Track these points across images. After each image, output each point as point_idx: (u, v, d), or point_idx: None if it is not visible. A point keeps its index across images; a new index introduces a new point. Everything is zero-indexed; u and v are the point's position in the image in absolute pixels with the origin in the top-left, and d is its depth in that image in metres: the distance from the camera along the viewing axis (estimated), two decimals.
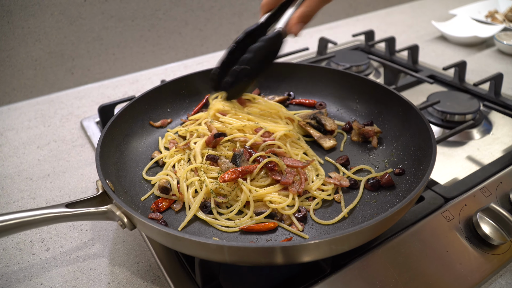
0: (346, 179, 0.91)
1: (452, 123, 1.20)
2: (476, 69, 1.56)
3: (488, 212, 0.83)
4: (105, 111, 1.19)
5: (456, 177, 1.01)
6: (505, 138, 1.14)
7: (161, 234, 0.67)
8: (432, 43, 1.82)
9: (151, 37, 1.69)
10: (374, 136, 1.03)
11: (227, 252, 0.64)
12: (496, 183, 0.94)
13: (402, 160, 0.95)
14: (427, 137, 0.87)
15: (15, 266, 0.84)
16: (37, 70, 1.50)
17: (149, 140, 1.06)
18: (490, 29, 1.81)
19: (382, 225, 0.69)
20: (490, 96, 1.30)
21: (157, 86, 1.12)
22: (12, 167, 1.13)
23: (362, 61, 1.53)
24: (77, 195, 1.02)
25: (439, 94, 1.28)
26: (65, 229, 0.92)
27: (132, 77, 1.61)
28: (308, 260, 0.68)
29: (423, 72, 1.47)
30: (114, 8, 1.55)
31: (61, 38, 1.50)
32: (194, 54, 1.83)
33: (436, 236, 0.83)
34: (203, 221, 0.84)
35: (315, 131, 1.07)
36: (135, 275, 0.81)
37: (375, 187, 0.90)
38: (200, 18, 1.77)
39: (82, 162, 1.14)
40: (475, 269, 0.79)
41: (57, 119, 1.35)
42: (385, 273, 0.76)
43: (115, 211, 0.74)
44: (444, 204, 0.90)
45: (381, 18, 2.15)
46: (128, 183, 0.91)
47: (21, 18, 1.40)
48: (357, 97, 1.15)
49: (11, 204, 1.00)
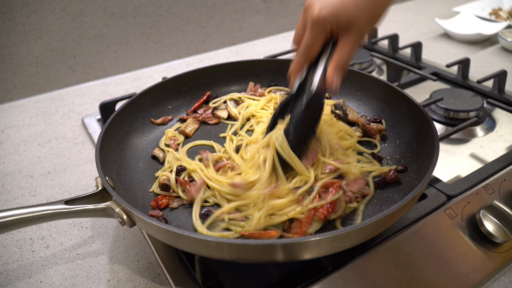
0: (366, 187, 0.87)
1: (456, 120, 1.19)
2: (480, 66, 1.55)
3: (491, 209, 0.82)
4: (106, 108, 1.18)
5: (459, 175, 1.00)
6: (509, 135, 1.13)
7: (161, 231, 0.66)
8: (436, 40, 1.81)
9: (153, 34, 1.68)
10: (377, 134, 1.02)
11: (227, 249, 0.63)
12: (500, 181, 0.93)
13: (405, 157, 0.95)
14: (430, 134, 0.86)
15: (14, 263, 0.83)
16: (38, 67, 1.50)
17: (150, 137, 1.06)
18: (494, 27, 1.80)
19: (384, 222, 0.68)
20: (494, 93, 1.29)
21: (158, 83, 1.11)
22: (13, 165, 1.12)
23: (365, 58, 1.52)
24: (78, 193, 1.02)
25: (443, 91, 1.27)
26: (65, 226, 0.92)
27: (134, 75, 1.61)
28: (309, 258, 0.67)
29: (426, 69, 1.46)
30: (115, 5, 1.55)
31: (62, 35, 1.50)
32: (196, 52, 1.82)
33: (439, 234, 0.82)
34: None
35: (343, 123, 1.03)
36: (135, 272, 0.80)
37: (381, 185, 0.89)
38: (202, 15, 1.76)
39: (83, 159, 1.14)
40: (478, 267, 0.78)
41: (58, 116, 1.35)
42: (387, 271, 0.75)
43: (115, 208, 0.74)
44: (446, 201, 0.89)
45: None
46: (128, 180, 0.90)
47: (22, 15, 1.40)
48: (359, 94, 1.14)
49: (11, 201, 1.00)
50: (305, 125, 0.84)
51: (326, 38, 0.77)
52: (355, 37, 0.75)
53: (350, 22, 0.73)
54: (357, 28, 0.74)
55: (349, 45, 0.76)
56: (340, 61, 0.76)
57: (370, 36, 0.71)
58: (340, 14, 0.73)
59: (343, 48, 0.76)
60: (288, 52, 1.52)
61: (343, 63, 0.77)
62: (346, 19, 0.73)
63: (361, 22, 0.74)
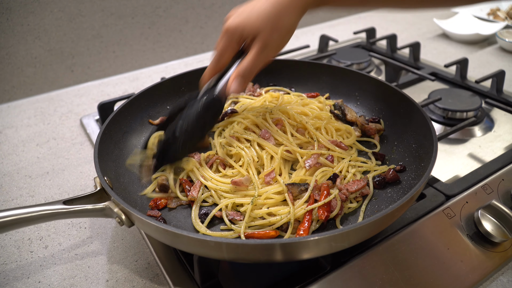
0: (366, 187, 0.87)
1: (454, 120, 1.19)
2: (478, 66, 1.55)
3: (489, 209, 0.83)
4: (104, 108, 1.18)
5: (457, 174, 1.00)
6: (507, 135, 1.14)
7: (159, 231, 0.66)
8: (434, 40, 1.81)
9: (151, 34, 1.68)
10: (375, 134, 1.02)
11: (225, 249, 0.63)
12: (498, 180, 0.93)
13: (403, 157, 0.95)
14: (428, 134, 0.86)
15: (13, 264, 0.83)
16: (36, 68, 1.50)
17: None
18: (492, 27, 1.80)
19: (383, 222, 0.68)
20: (492, 93, 1.29)
21: (157, 83, 1.11)
22: (11, 165, 1.12)
23: (363, 59, 1.52)
24: (76, 193, 1.01)
25: (441, 91, 1.27)
26: (63, 226, 0.92)
27: (132, 75, 1.60)
28: (308, 257, 0.67)
29: (424, 69, 1.47)
30: (114, 5, 1.55)
31: (61, 36, 1.49)
32: (194, 52, 1.82)
33: (437, 234, 0.82)
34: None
35: (341, 123, 1.04)
36: (134, 272, 0.80)
37: (381, 185, 0.89)
38: (200, 16, 1.76)
39: (81, 159, 1.14)
40: (476, 267, 0.78)
41: (56, 116, 1.35)
42: (385, 270, 0.75)
43: (113, 208, 0.73)
44: (445, 201, 0.89)
45: (383, 15, 2.14)
46: (127, 180, 0.90)
47: (20, 15, 1.39)
48: (358, 94, 1.14)
49: (10, 201, 1.00)
50: (198, 125, 0.84)
51: (235, 47, 0.83)
52: (259, 48, 0.79)
53: (255, 33, 0.79)
54: (261, 39, 0.79)
55: (252, 55, 0.80)
56: (242, 69, 0.81)
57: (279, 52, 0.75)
58: (245, 25, 0.79)
59: (247, 57, 0.81)
60: (286, 52, 1.52)
61: (244, 70, 0.81)
62: (250, 30, 0.79)
63: (264, 33, 0.78)
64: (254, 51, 0.80)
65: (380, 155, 0.96)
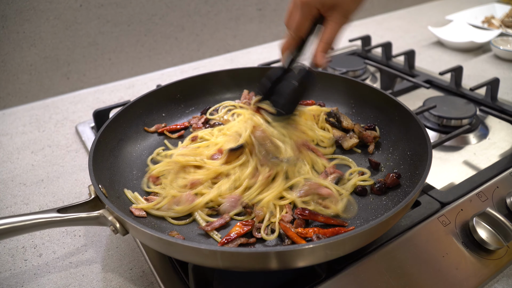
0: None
1: (449, 128, 1.19)
2: (473, 74, 1.56)
3: (484, 216, 0.83)
4: (100, 115, 1.18)
5: (452, 182, 1.00)
6: (502, 142, 1.14)
7: (154, 239, 0.66)
8: (429, 48, 1.82)
9: (147, 42, 1.68)
10: (372, 142, 1.02)
11: (220, 257, 0.63)
12: (493, 188, 0.93)
13: (398, 164, 0.95)
14: (423, 142, 0.86)
15: (7, 272, 0.83)
16: (32, 75, 1.49)
17: (143, 145, 1.05)
18: (486, 35, 1.81)
19: (378, 229, 0.68)
20: (487, 101, 1.30)
21: (152, 91, 1.11)
22: (6, 173, 1.12)
23: (358, 66, 1.53)
24: (71, 201, 1.01)
25: (436, 99, 1.27)
26: (58, 235, 0.91)
27: (128, 82, 1.61)
28: (303, 265, 0.67)
29: (419, 77, 1.47)
30: (110, 13, 1.55)
31: (56, 43, 1.49)
32: (190, 59, 1.82)
33: (432, 241, 0.82)
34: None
35: (337, 130, 1.05)
36: (128, 281, 0.80)
37: (382, 191, 0.89)
38: (196, 23, 1.76)
39: (76, 167, 1.13)
40: (471, 274, 0.78)
41: (52, 124, 1.35)
42: (380, 278, 0.75)
43: (108, 216, 0.73)
44: (440, 209, 0.89)
45: (378, 23, 2.15)
46: (121, 188, 0.90)
47: (16, 22, 1.39)
48: (353, 101, 1.14)
49: (4, 209, 0.99)
50: (296, 98, 0.91)
51: (313, 19, 0.83)
52: (340, 17, 0.81)
53: (334, 3, 0.80)
54: (342, 8, 0.80)
55: (335, 25, 0.82)
56: (329, 40, 0.83)
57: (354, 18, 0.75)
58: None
59: (329, 28, 0.82)
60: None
61: (330, 41, 0.83)
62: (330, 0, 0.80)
63: (345, 2, 0.80)
64: (335, 20, 0.81)
65: (375, 163, 0.96)
